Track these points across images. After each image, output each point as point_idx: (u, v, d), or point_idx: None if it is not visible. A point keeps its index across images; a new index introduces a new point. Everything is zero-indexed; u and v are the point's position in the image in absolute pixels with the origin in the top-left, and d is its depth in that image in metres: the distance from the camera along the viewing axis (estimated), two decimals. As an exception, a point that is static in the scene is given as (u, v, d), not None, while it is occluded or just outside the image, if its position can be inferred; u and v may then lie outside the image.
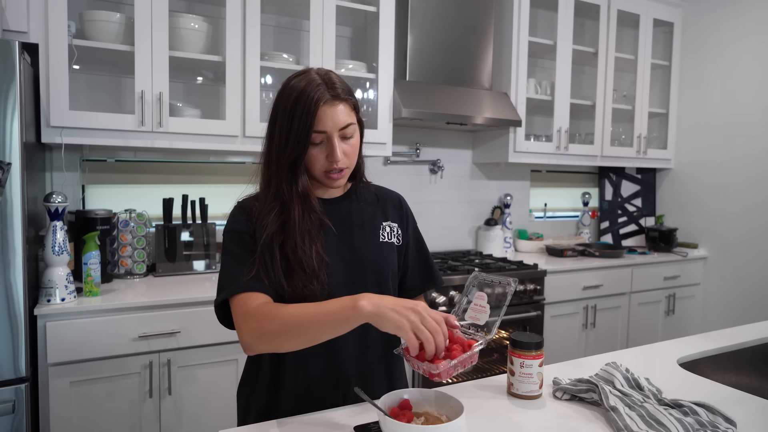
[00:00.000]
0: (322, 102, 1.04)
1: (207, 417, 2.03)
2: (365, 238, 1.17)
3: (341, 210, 1.17)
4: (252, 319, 0.99)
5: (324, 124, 1.05)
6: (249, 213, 1.12)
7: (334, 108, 1.05)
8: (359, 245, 1.15)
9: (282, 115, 1.07)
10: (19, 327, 1.60)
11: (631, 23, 3.53)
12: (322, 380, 1.12)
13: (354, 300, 0.93)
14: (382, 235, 1.19)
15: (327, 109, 1.05)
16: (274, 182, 1.09)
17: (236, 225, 1.12)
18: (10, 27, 1.88)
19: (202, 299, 1.99)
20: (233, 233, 1.11)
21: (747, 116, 3.28)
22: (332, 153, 1.07)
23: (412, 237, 1.27)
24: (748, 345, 1.57)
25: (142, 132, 2.12)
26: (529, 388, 1.14)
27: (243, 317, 1.00)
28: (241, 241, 1.09)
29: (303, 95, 1.04)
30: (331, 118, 1.05)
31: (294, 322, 0.96)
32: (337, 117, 1.06)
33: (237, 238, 1.10)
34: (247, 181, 1.21)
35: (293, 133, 1.05)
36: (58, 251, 1.83)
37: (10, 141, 1.56)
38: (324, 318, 0.94)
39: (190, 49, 2.24)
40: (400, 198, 1.29)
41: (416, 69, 2.71)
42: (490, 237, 3.21)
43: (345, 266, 1.12)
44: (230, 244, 1.11)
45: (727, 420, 1.01)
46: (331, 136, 1.06)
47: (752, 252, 3.28)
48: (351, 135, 1.09)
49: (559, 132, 3.14)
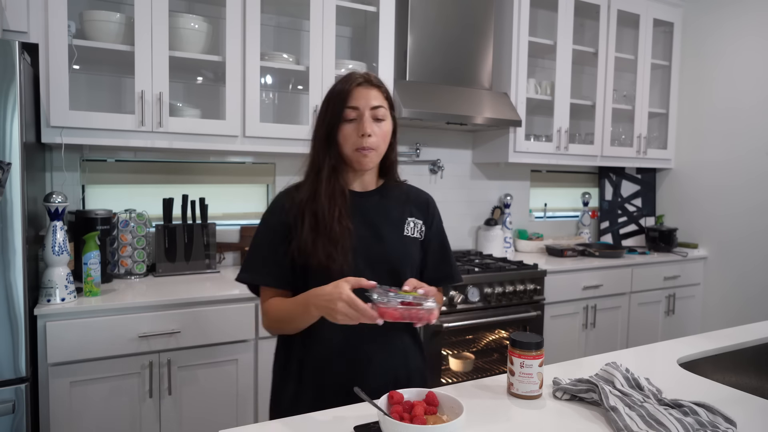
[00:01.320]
0: (356, 84, 1.20)
1: (207, 417, 2.03)
2: (389, 230, 1.27)
3: (371, 201, 1.28)
4: (263, 314, 1.26)
5: (357, 101, 1.19)
6: (284, 204, 1.25)
7: (367, 90, 1.21)
8: (383, 235, 1.26)
9: (324, 101, 1.24)
10: (19, 327, 1.60)
11: (631, 23, 3.53)
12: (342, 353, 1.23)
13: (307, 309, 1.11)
14: (406, 229, 1.29)
15: (361, 90, 1.20)
16: (312, 155, 1.25)
17: (270, 217, 1.27)
18: (10, 27, 1.88)
19: (202, 299, 1.99)
20: (265, 224, 1.27)
21: (747, 116, 3.28)
22: (362, 126, 1.19)
23: (435, 235, 1.36)
24: (748, 345, 1.57)
25: (142, 132, 2.12)
26: (529, 388, 1.14)
27: (261, 310, 1.27)
28: (271, 234, 1.24)
29: (342, 81, 1.23)
30: (364, 97, 1.20)
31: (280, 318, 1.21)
32: (370, 97, 1.20)
33: (267, 230, 1.26)
34: (247, 181, 1.29)
35: (329, 110, 1.21)
36: (58, 251, 1.83)
37: (10, 141, 1.55)
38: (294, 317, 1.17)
39: (190, 49, 2.24)
40: (428, 198, 1.40)
41: (416, 69, 2.71)
42: (490, 237, 3.21)
43: (369, 251, 1.23)
44: (260, 233, 1.27)
45: (727, 420, 1.01)
46: (363, 113, 1.19)
47: (752, 252, 3.28)
48: (382, 118, 1.22)
49: (559, 132, 3.14)
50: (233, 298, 2.05)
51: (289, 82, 2.68)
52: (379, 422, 0.94)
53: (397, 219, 1.29)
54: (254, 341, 2.10)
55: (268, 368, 2.13)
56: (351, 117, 1.19)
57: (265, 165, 2.73)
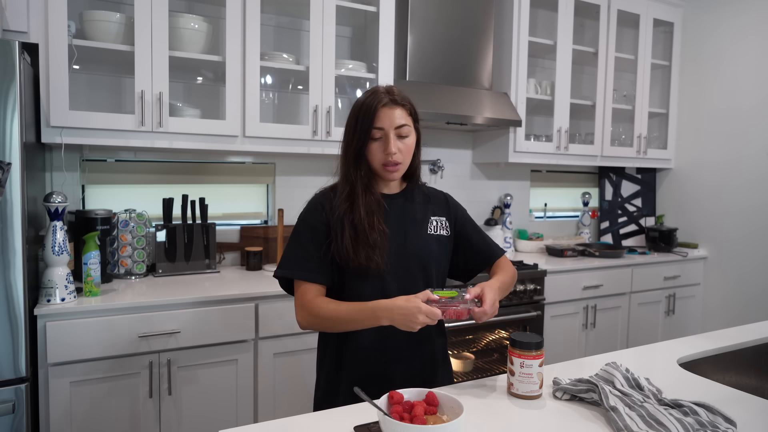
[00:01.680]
0: (381, 104, 1.27)
1: (207, 417, 2.03)
2: (415, 230, 1.36)
3: (397, 204, 1.37)
4: (305, 310, 1.27)
5: (382, 122, 1.27)
6: (324, 204, 1.32)
7: (392, 110, 1.28)
8: (409, 235, 1.35)
9: (351, 118, 1.31)
10: (19, 327, 1.60)
11: (631, 23, 3.53)
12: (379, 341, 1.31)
13: (376, 317, 1.17)
14: (430, 228, 1.39)
15: (386, 110, 1.27)
16: (343, 170, 1.33)
17: (310, 216, 1.33)
18: (10, 27, 1.87)
19: (202, 299, 1.99)
20: (305, 223, 1.33)
21: (747, 116, 3.28)
22: (387, 146, 1.27)
23: (466, 223, 1.49)
24: (748, 345, 1.57)
25: (142, 132, 2.12)
26: (529, 388, 1.14)
27: (299, 305, 1.28)
28: (311, 232, 1.31)
29: (368, 100, 1.29)
30: (388, 118, 1.27)
31: (333, 318, 1.23)
32: (394, 117, 1.28)
33: (308, 228, 1.32)
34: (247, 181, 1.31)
35: (358, 129, 1.29)
36: (58, 251, 1.83)
37: (10, 141, 1.55)
38: (353, 321, 1.21)
39: (190, 49, 2.24)
40: (446, 195, 1.52)
41: (416, 69, 2.71)
42: (490, 237, 3.21)
43: (398, 250, 1.32)
44: (301, 231, 1.33)
45: (727, 420, 1.01)
46: (388, 133, 1.28)
47: (752, 252, 3.28)
48: (406, 135, 1.31)
49: (559, 132, 3.14)
50: (233, 298, 2.05)
51: (289, 82, 2.68)
52: (379, 422, 0.94)
53: (420, 219, 1.38)
54: (254, 341, 2.10)
55: (268, 368, 2.14)
56: (377, 136, 1.28)
57: (265, 165, 2.73)
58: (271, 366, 2.14)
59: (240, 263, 2.67)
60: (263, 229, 2.69)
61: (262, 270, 2.54)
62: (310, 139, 2.44)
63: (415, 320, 1.12)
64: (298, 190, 2.80)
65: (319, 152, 2.47)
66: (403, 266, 1.32)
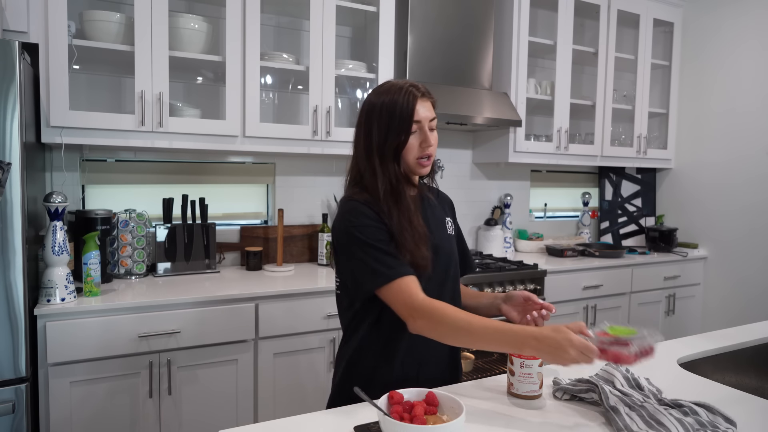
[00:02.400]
0: (418, 97, 1.25)
1: (207, 417, 2.03)
2: (441, 230, 1.36)
3: (422, 204, 1.35)
4: (421, 316, 1.13)
5: (419, 115, 1.25)
6: (374, 208, 1.23)
7: (425, 103, 1.26)
8: (437, 234, 1.32)
9: (381, 113, 1.25)
10: (19, 327, 1.60)
11: (631, 23, 3.53)
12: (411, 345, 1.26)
13: (519, 343, 1.06)
14: (447, 228, 1.39)
15: (422, 103, 1.26)
16: (381, 169, 1.25)
17: (371, 222, 1.22)
18: (10, 27, 1.87)
19: (202, 299, 1.99)
20: (369, 228, 1.21)
21: (747, 116, 3.28)
22: (426, 139, 1.25)
23: (458, 231, 1.47)
24: (748, 345, 1.57)
25: (142, 132, 2.12)
26: (529, 388, 1.14)
27: (411, 307, 1.14)
28: (382, 233, 1.21)
29: (400, 94, 1.25)
30: (424, 110, 1.26)
31: (461, 330, 1.11)
32: (428, 110, 1.27)
33: (377, 232, 1.21)
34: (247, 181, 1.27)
35: (395, 125, 1.23)
36: (58, 251, 1.83)
37: (10, 141, 1.56)
38: (482, 342, 1.10)
39: (190, 49, 2.24)
40: (449, 198, 1.52)
41: (416, 69, 2.71)
42: (490, 237, 3.21)
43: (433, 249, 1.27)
44: (371, 236, 1.20)
45: (727, 420, 1.01)
46: (424, 126, 1.26)
47: (752, 252, 3.28)
48: (435, 128, 1.30)
49: (559, 132, 3.14)
50: (233, 298, 2.04)
51: (289, 82, 2.68)
52: (379, 422, 0.94)
53: (440, 219, 1.38)
54: (254, 341, 2.10)
55: (268, 368, 2.14)
56: (414, 130, 1.25)
57: (265, 165, 2.73)
58: (271, 366, 2.14)
59: (240, 263, 2.67)
60: (263, 229, 2.69)
61: (262, 270, 2.54)
62: (310, 139, 2.44)
63: (565, 355, 1.00)
64: (298, 190, 2.80)
65: (319, 152, 2.47)
66: (440, 267, 1.29)
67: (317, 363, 2.24)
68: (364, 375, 1.26)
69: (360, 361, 1.27)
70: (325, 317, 2.22)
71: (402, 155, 1.26)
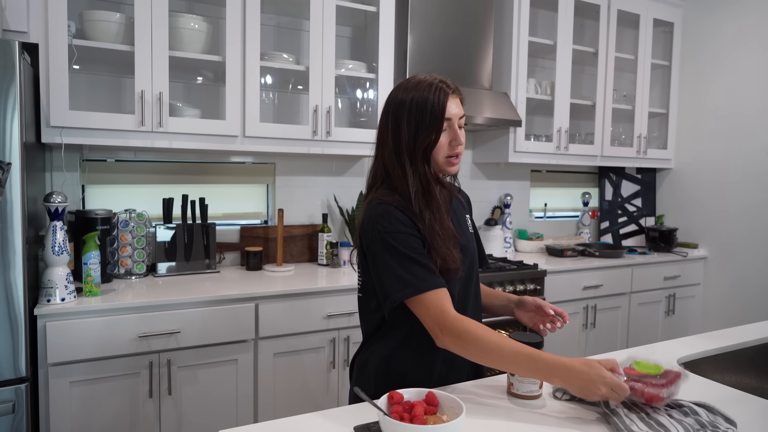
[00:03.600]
0: (449, 94, 1.21)
1: (207, 417, 2.03)
2: (463, 229, 1.33)
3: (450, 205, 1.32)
4: (451, 333, 1.11)
5: (450, 113, 1.21)
6: (407, 214, 1.19)
7: (455, 99, 1.23)
8: (461, 232, 1.30)
9: (410, 110, 1.20)
10: (19, 327, 1.60)
11: (631, 23, 3.53)
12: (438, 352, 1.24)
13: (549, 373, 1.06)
14: (468, 226, 1.38)
15: (453, 99, 1.22)
16: (411, 169, 1.21)
17: (405, 229, 1.17)
18: (10, 27, 1.87)
19: (202, 299, 1.99)
20: (401, 235, 1.16)
21: (747, 116, 3.28)
22: (456, 137, 1.22)
23: (474, 227, 1.45)
24: (748, 345, 1.57)
25: (142, 132, 2.12)
26: (529, 388, 1.14)
27: (439, 326, 1.12)
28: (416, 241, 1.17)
29: (431, 91, 1.20)
30: (455, 107, 1.22)
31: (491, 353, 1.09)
32: (458, 107, 1.24)
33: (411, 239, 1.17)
34: (247, 181, 1.24)
35: (425, 123, 1.19)
36: (58, 251, 1.83)
37: (10, 141, 1.56)
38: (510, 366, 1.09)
39: (190, 49, 2.24)
40: (467, 194, 1.50)
41: (416, 69, 2.71)
42: (490, 237, 3.21)
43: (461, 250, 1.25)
44: (404, 243, 1.16)
45: (727, 420, 1.01)
46: (454, 123, 1.22)
47: (752, 252, 3.28)
48: (463, 126, 1.26)
49: (559, 132, 3.14)
50: (233, 298, 2.04)
51: (289, 82, 2.68)
52: (379, 422, 0.94)
53: (462, 218, 1.37)
54: (254, 341, 2.10)
55: (268, 368, 2.14)
56: (444, 128, 1.22)
57: (265, 165, 2.72)
58: (271, 366, 2.14)
59: (240, 263, 2.67)
60: (263, 229, 2.70)
61: (262, 270, 2.54)
62: (310, 139, 2.44)
63: (596, 391, 1.01)
64: (298, 190, 2.80)
65: (319, 152, 2.47)
66: (463, 267, 1.25)
67: (317, 363, 2.24)
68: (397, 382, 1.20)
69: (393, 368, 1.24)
70: (325, 317, 2.22)
71: (431, 154, 1.22)
